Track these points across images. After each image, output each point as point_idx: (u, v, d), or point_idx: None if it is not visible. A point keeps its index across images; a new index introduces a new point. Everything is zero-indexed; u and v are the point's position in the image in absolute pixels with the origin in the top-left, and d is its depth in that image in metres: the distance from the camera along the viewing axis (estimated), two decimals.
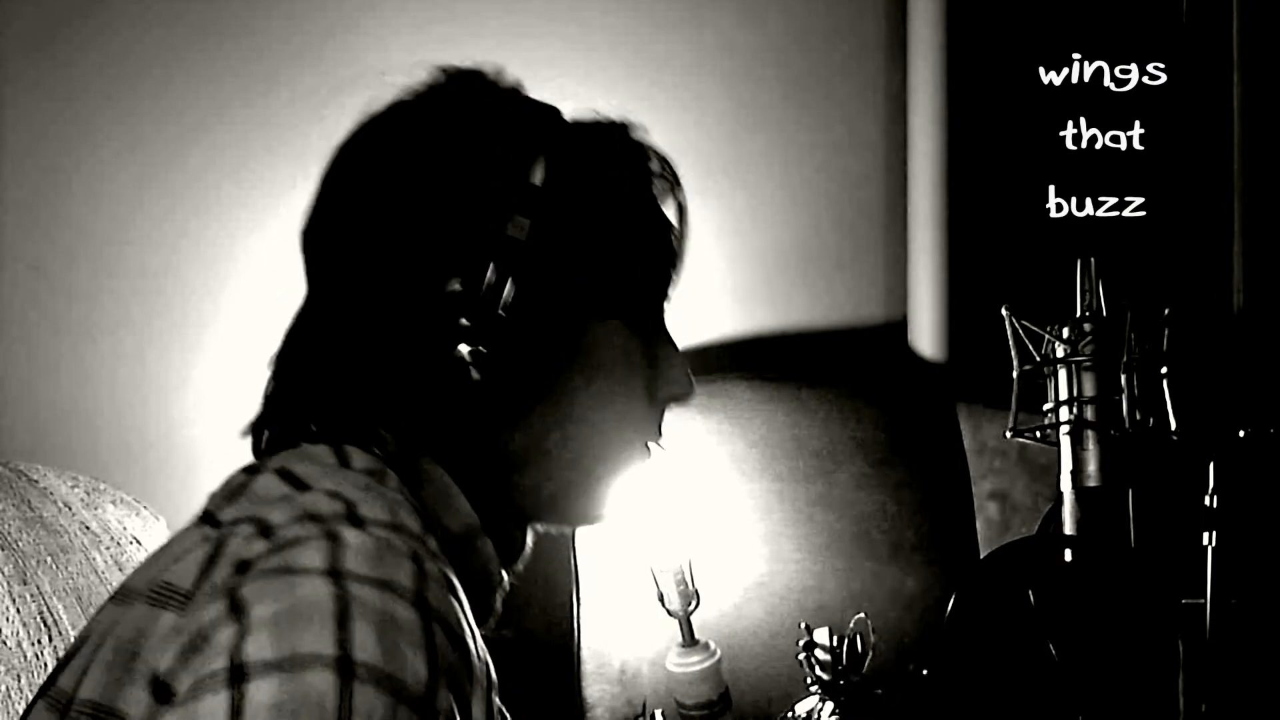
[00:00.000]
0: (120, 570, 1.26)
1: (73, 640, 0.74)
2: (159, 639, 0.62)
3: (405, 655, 0.57)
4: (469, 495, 0.77)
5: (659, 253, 0.84)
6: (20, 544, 1.15)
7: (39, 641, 1.09)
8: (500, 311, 0.74)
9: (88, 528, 1.27)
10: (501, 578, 0.82)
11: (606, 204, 0.81)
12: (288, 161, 1.76)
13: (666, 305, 0.86)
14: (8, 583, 1.09)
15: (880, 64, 1.78)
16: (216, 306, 1.76)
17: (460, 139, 0.79)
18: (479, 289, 0.74)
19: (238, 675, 0.55)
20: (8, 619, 1.07)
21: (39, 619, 1.10)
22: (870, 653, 1.30)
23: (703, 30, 1.78)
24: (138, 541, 1.34)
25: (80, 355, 1.76)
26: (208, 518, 0.71)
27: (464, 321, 0.74)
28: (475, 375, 0.74)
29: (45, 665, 1.08)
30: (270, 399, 0.81)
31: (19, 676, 1.05)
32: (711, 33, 1.78)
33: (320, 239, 0.82)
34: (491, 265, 0.74)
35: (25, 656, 1.07)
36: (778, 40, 1.79)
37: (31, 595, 1.11)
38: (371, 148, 0.82)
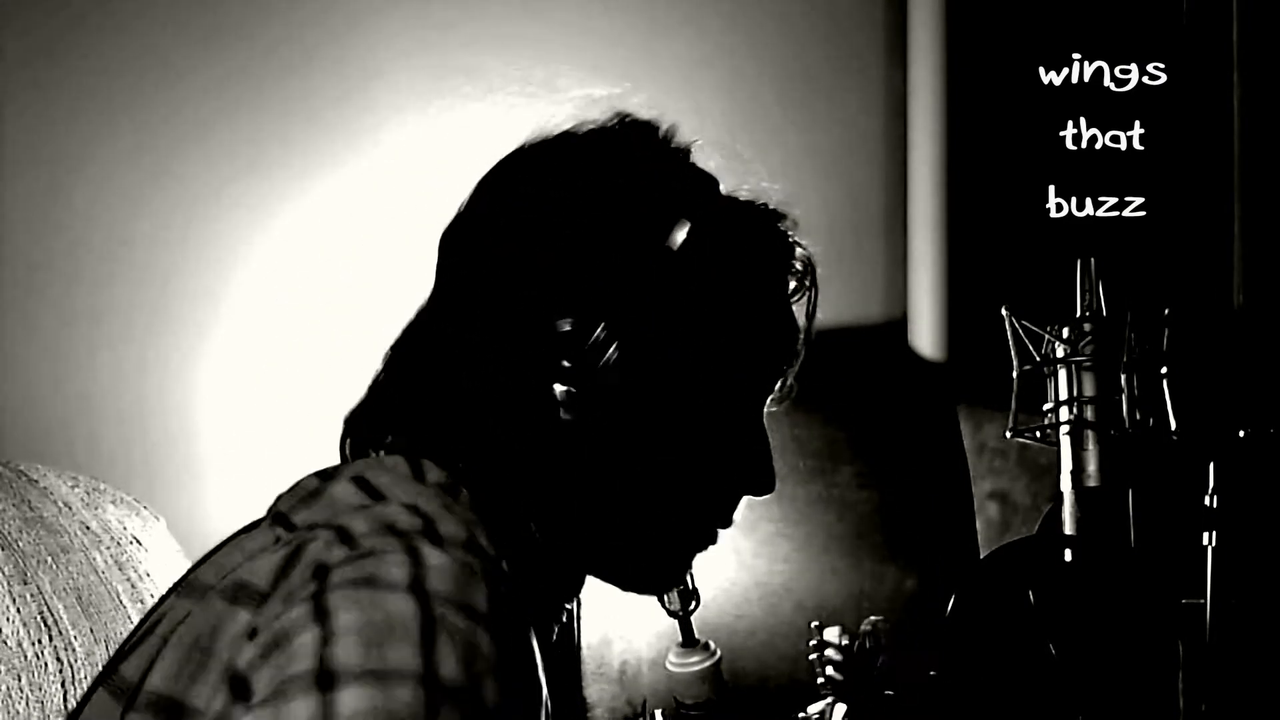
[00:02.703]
0: (120, 570, 1.26)
1: (130, 629, 0.74)
2: (235, 636, 0.62)
3: (483, 677, 0.58)
4: (538, 526, 0.77)
5: (778, 350, 0.84)
6: (20, 544, 1.15)
7: (39, 641, 1.09)
8: (604, 362, 0.74)
9: (88, 528, 1.27)
10: (561, 608, 0.82)
11: (737, 289, 0.80)
12: (289, 163, 1.76)
13: (769, 400, 0.85)
14: (8, 583, 1.09)
15: (880, 64, 1.78)
16: (217, 307, 1.76)
17: (613, 187, 0.78)
18: (589, 333, 0.74)
19: (326, 680, 0.55)
20: (8, 619, 1.07)
21: (39, 619, 1.10)
22: (882, 655, 1.30)
23: (701, 31, 1.78)
24: (138, 541, 1.34)
25: (81, 355, 1.76)
26: (279, 519, 0.71)
27: (565, 363, 0.74)
28: (565, 415, 0.74)
29: (45, 665, 1.08)
30: (374, 393, 0.81)
31: (19, 676, 1.05)
32: (710, 33, 1.78)
33: (457, 244, 0.82)
34: (606, 315, 0.74)
35: (25, 656, 1.07)
36: (777, 40, 1.79)
37: (31, 595, 1.11)
38: (530, 172, 0.82)
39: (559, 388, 0.74)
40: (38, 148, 1.76)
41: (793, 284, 0.84)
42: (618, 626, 1.57)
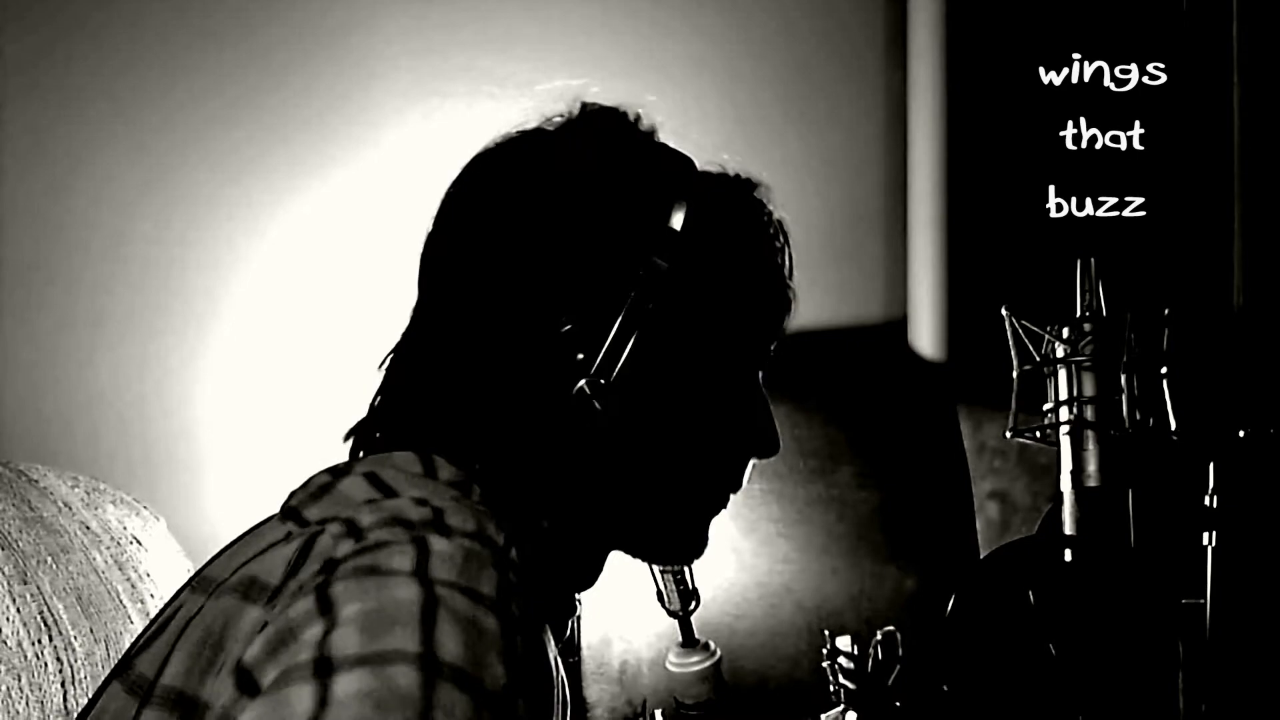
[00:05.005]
0: (120, 570, 1.26)
1: (146, 623, 0.74)
2: (246, 632, 0.63)
3: (487, 658, 0.58)
4: (551, 519, 0.77)
5: (775, 311, 0.85)
6: (20, 544, 1.15)
7: (39, 641, 1.09)
8: (626, 351, 0.75)
9: (88, 528, 1.27)
10: (574, 600, 0.83)
11: (736, 258, 0.82)
12: (289, 164, 1.76)
13: (767, 363, 0.86)
14: (8, 583, 1.09)
15: (880, 64, 1.78)
16: (217, 308, 1.76)
17: (599, 177, 0.79)
18: (606, 325, 0.75)
19: (324, 668, 0.55)
20: (8, 619, 1.07)
21: (39, 619, 1.10)
22: (897, 666, 1.30)
23: (701, 31, 1.78)
24: (138, 541, 1.34)
25: (81, 355, 1.76)
26: (291, 514, 0.72)
27: (580, 355, 0.75)
28: (597, 406, 0.75)
29: (45, 665, 1.08)
30: (377, 409, 0.81)
31: (19, 676, 1.05)
32: (710, 33, 1.78)
33: (442, 255, 0.82)
34: (620, 305, 0.75)
35: (25, 656, 1.07)
36: (777, 41, 1.79)
37: (31, 595, 1.11)
38: (505, 173, 0.81)
39: (582, 382, 0.74)
40: (38, 148, 1.76)
41: (773, 243, 0.86)
42: (618, 626, 1.57)
